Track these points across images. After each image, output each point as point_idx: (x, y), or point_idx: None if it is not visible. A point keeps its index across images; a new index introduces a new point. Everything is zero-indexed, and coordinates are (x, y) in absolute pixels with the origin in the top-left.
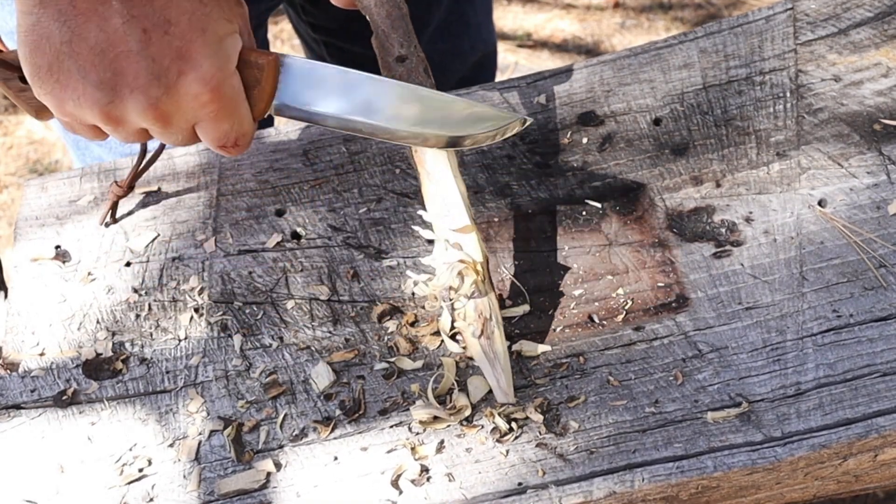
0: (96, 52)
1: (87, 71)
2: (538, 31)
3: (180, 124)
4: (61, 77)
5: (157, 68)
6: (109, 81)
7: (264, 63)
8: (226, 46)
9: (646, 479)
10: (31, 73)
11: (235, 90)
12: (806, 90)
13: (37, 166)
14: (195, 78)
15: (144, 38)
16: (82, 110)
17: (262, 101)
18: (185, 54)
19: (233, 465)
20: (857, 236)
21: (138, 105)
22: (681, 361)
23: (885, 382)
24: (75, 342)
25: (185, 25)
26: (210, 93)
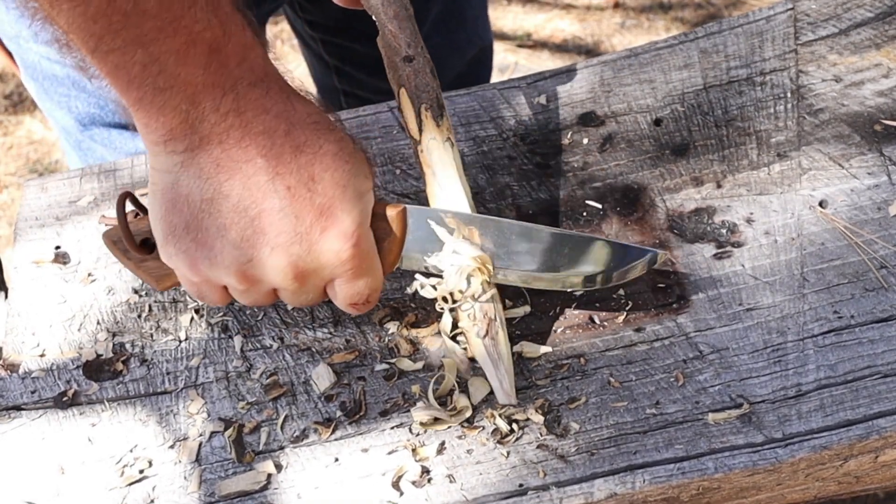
0: (238, 210)
1: (228, 229)
2: (538, 31)
3: (316, 282)
4: (199, 236)
5: (300, 225)
6: (250, 239)
7: (394, 215)
8: (365, 202)
9: (647, 481)
10: (165, 232)
11: (372, 245)
12: (807, 91)
13: (37, 166)
14: (337, 234)
15: (288, 195)
16: (217, 270)
17: (393, 253)
18: (328, 211)
19: (233, 466)
20: (857, 237)
21: (278, 263)
22: (681, 362)
23: (886, 384)
24: (76, 343)
25: (329, 182)
26: (351, 249)
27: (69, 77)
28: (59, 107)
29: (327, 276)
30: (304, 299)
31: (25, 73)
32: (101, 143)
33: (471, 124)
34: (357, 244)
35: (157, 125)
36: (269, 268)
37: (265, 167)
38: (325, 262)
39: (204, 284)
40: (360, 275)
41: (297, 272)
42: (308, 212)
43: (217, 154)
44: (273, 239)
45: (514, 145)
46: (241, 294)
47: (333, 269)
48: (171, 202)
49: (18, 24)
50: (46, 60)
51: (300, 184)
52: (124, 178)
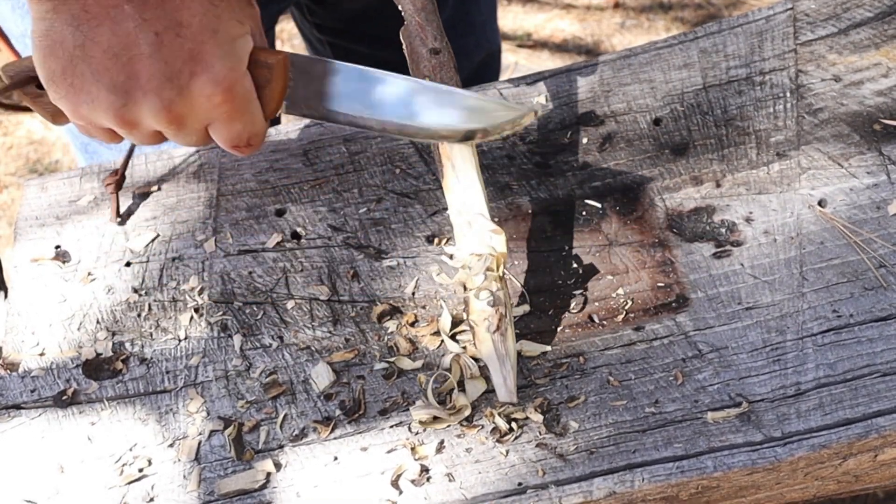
0: (109, 55)
1: (101, 74)
2: (538, 31)
3: (193, 125)
4: (75, 81)
5: (170, 70)
6: (123, 84)
7: (274, 62)
8: (237, 47)
9: (646, 480)
10: (45, 77)
11: (247, 90)
12: (806, 90)
13: (37, 166)
14: (208, 79)
15: (156, 40)
16: (97, 113)
17: (274, 100)
18: (198, 56)
19: (233, 465)
20: (857, 236)
21: (152, 107)
22: (681, 361)
23: (885, 382)
24: (75, 342)
25: (197, 27)
26: (223, 93)
27: None
28: None
29: (202, 118)
30: (188, 140)
31: None
32: (107, 146)
33: None
34: (229, 89)
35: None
36: (144, 111)
37: (132, 13)
38: (198, 106)
39: (89, 127)
40: (236, 119)
41: (172, 115)
42: (177, 56)
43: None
44: (145, 84)
45: (513, 145)
46: (126, 134)
47: (207, 112)
48: (47, 48)
49: (25, 22)
50: None
51: (168, 29)
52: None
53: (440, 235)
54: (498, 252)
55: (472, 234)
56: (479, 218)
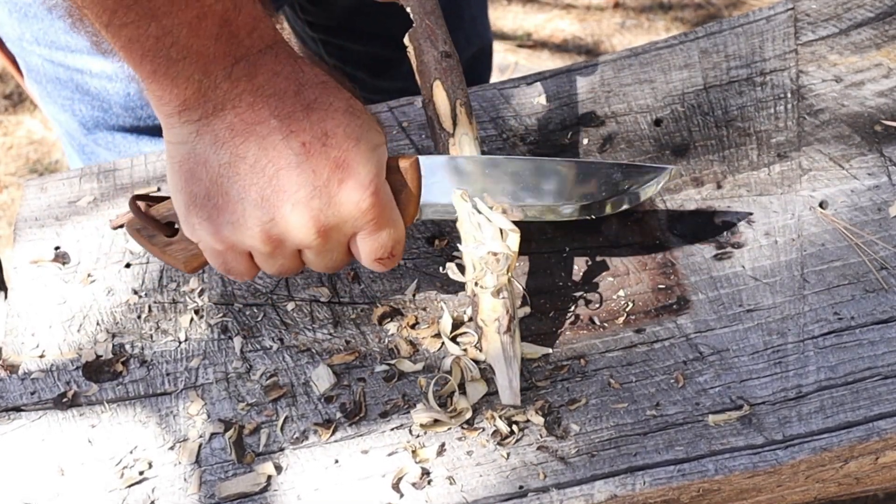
0: (256, 170)
1: (248, 190)
2: (538, 31)
3: (339, 238)
4: (220, 201)
5: (318, 180)
6: (270, 198)
7: (407, 166)
8: (378, 154)
9: (647, 483)
10: (186, 203)
11: (390, 196)
12: (807, 91)
13: (37, 166)
14: (355, 185)
15: (303, 151)
16: (240, 233)
17: (411, 204)
18: (343, 164)
19: (233, 467)
20: (858, 238)
21: (300, 219)
22: (682, 364)
23: (886, 385)
24: (75, 344)
25: (342, 136)
26: (370, 197)
27: (72, 80)
28: (62, 110)
29: (349, 229)
30: (330, 259)
31: (28, 77)
32: (104, 146)
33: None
34: (375, 193)
35: (170, 97)
36: (292, 224)
37: (279, 127)
38: (347, 214)
39: (229, 252)
40: (382, 226)
41: (320, 227)
42: (324, 165)
43: (231, 119)
44: (293, 195)
45: (513, 145)
46: (267, 258)
47: (355, 220)
48: (189, 172)
49: (21, 26)
50: (49, 63)
51: (314, 139)
52: (123, 178)
53: (440, 237)
54: (513, 251)
55: (488, 231)
56: (495, 216)
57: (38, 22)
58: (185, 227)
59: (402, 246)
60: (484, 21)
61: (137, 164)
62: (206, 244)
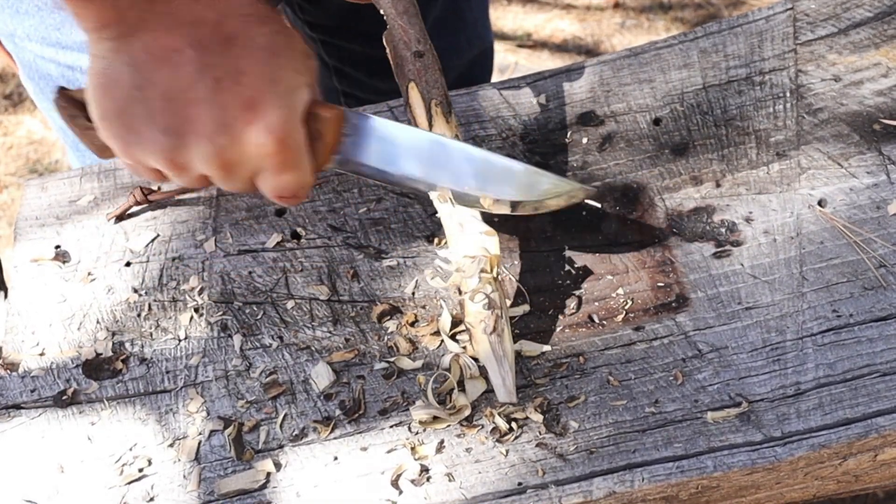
0: (166, 98)
1: (155, 116)
2: (538, 31)
3: (242, 173)
4: (128, 121)
5: (226, 117)
6: (177, 128)
7: (329, 117)
8: (295, 99)
9: (646, 479)
10: (98, 114)
11: (300, 142)
12: (806, 90)
13: (37, 166)
14: (262, 128)
15: (215, 86)
16: (147, 155)
17: (324, 154)
18: (254, 104)
19: (233, 464)
20: (856, 236)
21: (204, 152)
22: (681, 361)
23: (884, 382)
24: (75, 342)
25: (257, 75)
26: (275, 144)
27: (64, 76)
28: (55, 106)
29: (252, 167)
30: (234, 187)
31: (23, 72)
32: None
33: (471, 124)
34: (281, 139)
35: (86, 13)
36: (195, 155)
37: (194, 58)
38: (249, 155)
39: (137, 166)
40: (286, 170)
41: (222, 161)
42: (234, 104)
43: (147, 41)
44: (199, 129)
45: (513, 145)
46: (173, 177)
47: (258, 161)
48: (103, 87)
49: (13, 22)
50: (41, 59)
51: (228, 76)
52: (124, 177)
53: (440, 235)
54: (491, 254)
55: (464, 237)
56: (470, 219)
57: (30, 18)
58: (99, 131)
59: (306, 189)
60: (485, 23)
61: None
62: (117, 153)
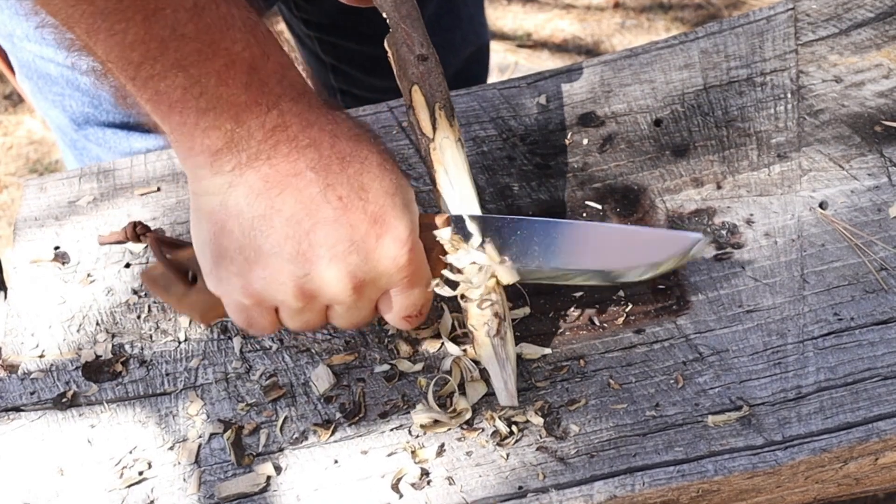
0: (292, 223)
1: (283, 244)
2: (538, 31)
3: (372, 295)
4: (252, 255)
5: (356, 234)
6: (306, 253)
7: (441, 223)
8: (412, 209)
9: (646, 483)
10: (215, 256)
11: (423, 253)
12: (807, 91)
13: (37, 166)
14: (392, 240)
15: (341, 205)
16: (273, 288)
17: (440, 262)
18: (381, 219)
19: (233, 468)
20: (858, 239)
21: (337, 274)
22: (681, 364)
23: (886, 386)
24: (75, 344)
25: (379, 191)
26: (407, 254)
27: (63, 76)
28: (53, 106)
29: (384, 284)
30: (358, 315)
31: (20, 73)
32: (95, 142)
33: (471, 124)
34: (412, 249)
35: (201, 147)
36: (328, 279)
37: (315, 179)
38: (383, 270)
39: (255, 308)
40: (415, 283)
41: (356, 282)
42: (362, 220)
43: (266, 170)
44: (330, 250)
45: (513, 146)
46: (294, 314)
47: (391, 276)
48: (220, 224)
49: (12, 22)
50: (41, 59)
51: (352, 193)
52: (123, 178)
53: None
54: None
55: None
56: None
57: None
58: (209, 280)
59: (429, 305)
60: (481, 20)
61: (137, 165)
62: (232, 298)
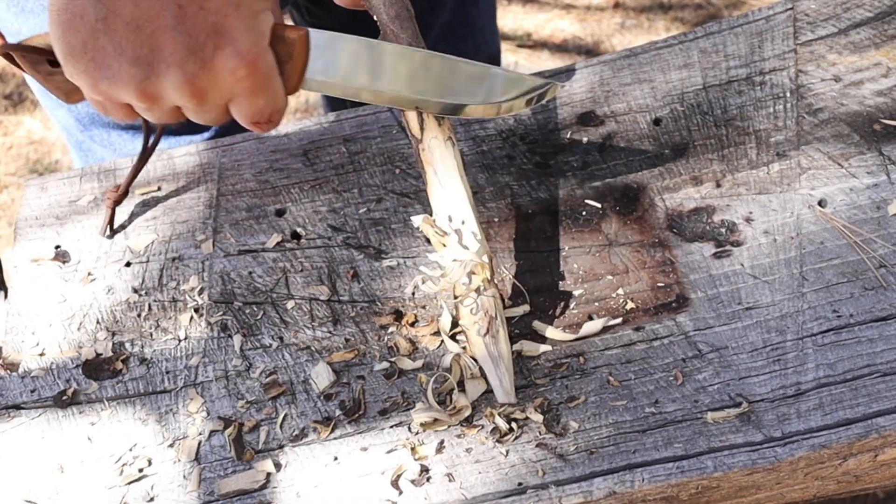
0: (132, 27)
1: (123, 47)
2: (538, 31)
3: (215, 100)
4: (96, 55)
5: (194, 43)
6: (146, 57)
7: (296, 38)
8: (260, 22)
9: (646, 480)
10: (64, 52)
11: (270, 65)
12: (806, 90)
13: (37, 166)
14: (231, 52)
15: (180, 13)
16: (117, 88)
17: (295, 75)
18: (221, 29)
19: (233, 465)
20: (857, 236)
21: (174, 80)
22: (681, 361)
23: (885, 382)
24: (75, 342)
25: (220, 1)
26: (246, 67)
27: None
28: (60, 106)
29: (225, 93)
30: (207, 117)
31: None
32: (100, 143)
33: (471, 124)
34: (252, 62)
35: None
36: (166, 85)
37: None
38: (221, 80)
39: (107, 103)
40: (259, 93)
41: (195, 89)
42: (201, 29)
43: None
44: (168, 57)
45: (513, 145)
46: (144, 111)
47: (230, 86)
48: (67, 22)
49: (19, 21)
50: None
51: (191, 2)
52: (123, 177)
53: None
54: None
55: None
56: (461, 225)
57: (35, 17)
58: (65, 71)
59: (281, 114)
60: (492, 28)
61: None
62: (85, 91)
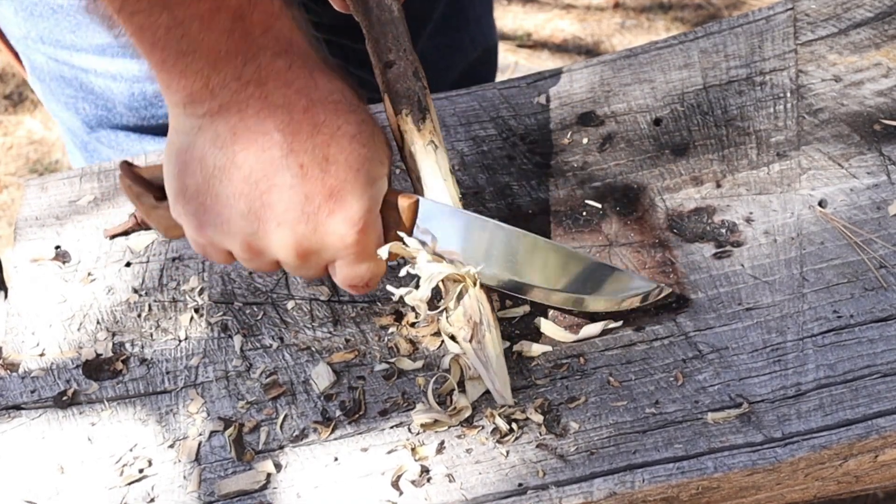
0: (250, 181)
1: (237, 199)
2: (538, 31)
3: (318, 262)
4: (208, 201)
5: (309, 205)
6: (258, 212)
7: (406, 206)
8: (376, 189)
9: (646, 480)
10: (176, 191)
11: (378, 233)
12: (806, 90)
13: (37, 166)
14: (344, 218)
15: (301, 173)
16: (223, 236)
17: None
18: (338, 194)
19: (233, 465)
20: (857, 237)
21: (283, 239)
22: (681, 362)
23: (885, 383)
24: (75, 342)
25: (342, 165)
26: (356, 235)
27: (77, 79)
28: (65, 108)
29: (329, 257)
30: (305, 274)
31: (32, 75)
32: (108, 144)
33: (471, 124)
34: (362, 230)
35: (177, 87)
36: (274, 242)
37: (280, 142)
38: (329, 245)
39: (209, 247)
40: (363, 260)
41: (301, 250)
42: (318, 192)
43: (234, 122)
44: (280, 215)
45: (513, 145)
46: (244, 261)
47: (336, 251)
48: (184, 163)
49: (27, 25)
50: (54, 62)
51: (314, 163)
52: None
53: None
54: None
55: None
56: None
57: (44, 21)
58: (172, 209)
59: (378, 279)
60: (489, 21)
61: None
62: (188, 232)
